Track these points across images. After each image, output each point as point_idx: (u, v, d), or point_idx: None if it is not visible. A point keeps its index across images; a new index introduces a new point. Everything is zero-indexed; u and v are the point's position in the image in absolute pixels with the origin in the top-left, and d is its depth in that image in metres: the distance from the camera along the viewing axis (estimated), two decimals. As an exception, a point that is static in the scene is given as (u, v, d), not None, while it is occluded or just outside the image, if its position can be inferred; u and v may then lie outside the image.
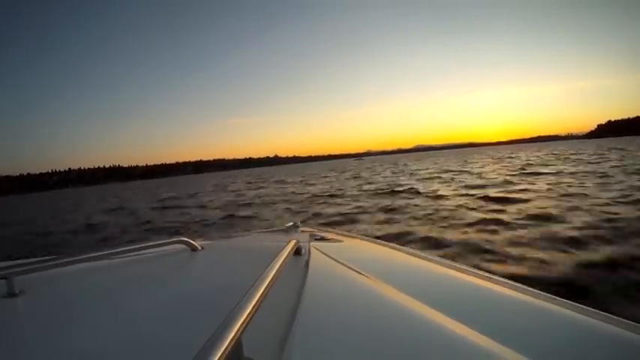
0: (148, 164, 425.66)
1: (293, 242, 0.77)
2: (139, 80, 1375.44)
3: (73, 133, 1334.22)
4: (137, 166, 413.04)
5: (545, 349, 0.47)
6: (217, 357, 0.29)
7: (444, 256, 1.25)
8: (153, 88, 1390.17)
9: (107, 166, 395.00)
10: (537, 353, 0.44)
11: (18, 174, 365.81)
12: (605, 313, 0.60)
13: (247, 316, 0.37)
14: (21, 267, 0.67)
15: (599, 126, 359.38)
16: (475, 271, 0.89)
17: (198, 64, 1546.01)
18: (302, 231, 1.41)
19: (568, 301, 0.65)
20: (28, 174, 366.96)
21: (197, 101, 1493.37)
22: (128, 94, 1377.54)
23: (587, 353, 0.48)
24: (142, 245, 0.86)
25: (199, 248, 0.95)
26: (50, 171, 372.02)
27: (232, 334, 0.33)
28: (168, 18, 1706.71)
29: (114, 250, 0.84)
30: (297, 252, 0.85)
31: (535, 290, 0.72)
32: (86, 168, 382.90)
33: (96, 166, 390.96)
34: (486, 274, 0.85)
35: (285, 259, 0.62)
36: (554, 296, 0.68)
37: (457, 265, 0.95)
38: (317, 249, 0.94)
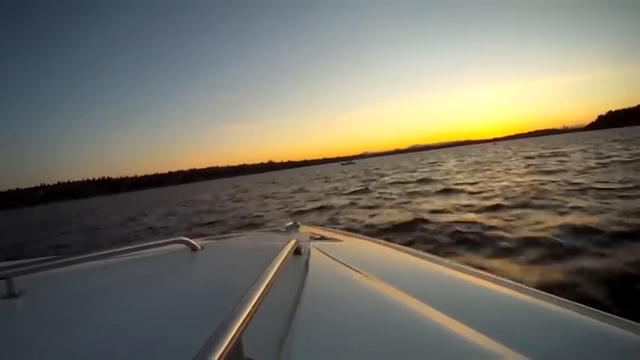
0: (138, 175, 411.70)
1: (293, 242, 0.77)
2: (130, 90, 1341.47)
3: (64, 144, 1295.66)
4: (126, 177, 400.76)
5: (545, 348, 0.47)
6: (217, 357, 0.29)
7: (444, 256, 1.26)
8: (145, 98, 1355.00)
9: (96, 178, 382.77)
10: (537, 352, 0.44)
11: (7, 189, 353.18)
12: (605, 313, 0.60)
13: (247, 316, 0.37)
14: (21, 267, 0.66)
15: (600, 117, 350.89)
16: (475, 270, 0.89)
17: (190, 73, 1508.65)
18: (302, 231, 1.38)
19: (568, 301, 0.65)
20: (17, 189, 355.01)
21: (189, 110, 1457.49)
22: (119, 103, 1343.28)
23: (587, 353, 0.48)
24: (142, 245, 0.85)
25: (199, 248, 0.95)
26: (39, 185, 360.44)
27: (232, 334, 0.33)
28: (159, 29, 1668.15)
29: (113, 250, 0.81)
30: (296, 252, 0.85)
31: (535, 290, 0.72)
32: (74, 181, 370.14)
33: (85, 179, 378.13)
34: (486, 274, 0.85)
35: (284, 258, 0.61)
36: (554, 296, 0.68)
37: (457, 264, 0.96)
38: (317, 248, 0.95)
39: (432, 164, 25.62)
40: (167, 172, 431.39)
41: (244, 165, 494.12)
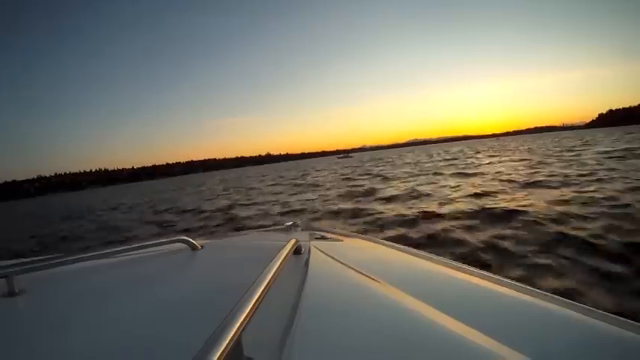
0: (135, 166, 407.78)
1: (293, 241, 0.77)
2: (129, 82, 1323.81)
3: (61, 137, 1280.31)
4: (124, 169, 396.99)
5: (545, 348, 0.47)
6: (217, 356, 0.29)
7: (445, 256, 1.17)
8: (143, 91, 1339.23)
9: (94, 169, 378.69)
10: (537, 353, 0.44)
11: (3, 181, 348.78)
12: (605, 313, 0.59)
13: (247, 316, 0.37)
14: (21, 266, 0.67)
15: (600, 115, 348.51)
16: (476, 270, 0.88)
17: (188, 65, 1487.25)
18: (302, 230, 1.39)
19: (568, 301, 0.65)
20: (14, 181, 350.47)
21: (189, 102, 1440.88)
22: (118, 96, 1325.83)
23: (587, 353, 0.48)
24: (142, 244, 0.85)
25: (199, 247, 0.95)
26: (35, 177, 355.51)
27: (232, 334, 0.33)
28: (158, 19, 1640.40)
29: (114, 249, 0.82)
30: (296, 251, 0.85)
31: (535, 290, 0.72)
32: (70, 172, 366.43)
33: (81, 170, 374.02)
34: (487, 274, 0.84)
35: (284, 258, 0.62)
36: (554, 296, 0.68)
37: (458, 264, 0.95)
38: (317, 248, 0.94)
39: (453, 162, 18.88)
40: (165, 163, 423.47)
41: (242, 157, 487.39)
